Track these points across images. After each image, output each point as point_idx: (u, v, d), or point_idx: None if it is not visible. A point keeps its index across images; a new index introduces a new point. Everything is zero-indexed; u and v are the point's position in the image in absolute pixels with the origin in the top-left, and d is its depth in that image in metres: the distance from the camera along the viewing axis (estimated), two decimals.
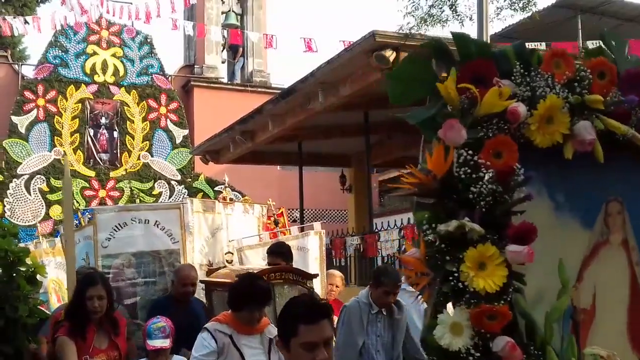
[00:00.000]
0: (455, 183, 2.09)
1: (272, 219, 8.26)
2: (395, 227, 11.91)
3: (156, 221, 6.41)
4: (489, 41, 8.32)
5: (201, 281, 5.72)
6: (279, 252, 5.72)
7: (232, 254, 6.81)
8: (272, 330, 3.88)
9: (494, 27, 13.57)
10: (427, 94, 2.29)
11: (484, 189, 2.04)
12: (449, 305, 2.07)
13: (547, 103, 2.16)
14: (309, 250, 7.20)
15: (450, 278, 2.03)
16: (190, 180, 18.45)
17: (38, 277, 4.07)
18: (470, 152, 2.08)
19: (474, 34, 8.65)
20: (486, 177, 2.04)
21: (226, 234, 7.14)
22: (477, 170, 2.06)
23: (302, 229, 8.06)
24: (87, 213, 9.33)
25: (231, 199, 7.79)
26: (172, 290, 5.69)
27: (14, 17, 17.62)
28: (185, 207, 6.90)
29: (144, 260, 6.32)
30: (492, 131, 2.13)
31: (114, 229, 6.31)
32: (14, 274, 3.89)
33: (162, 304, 5.48)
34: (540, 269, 2.15)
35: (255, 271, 4.84)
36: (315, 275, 5.44)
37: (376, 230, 12.16)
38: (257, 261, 6.71)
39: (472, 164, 2.07)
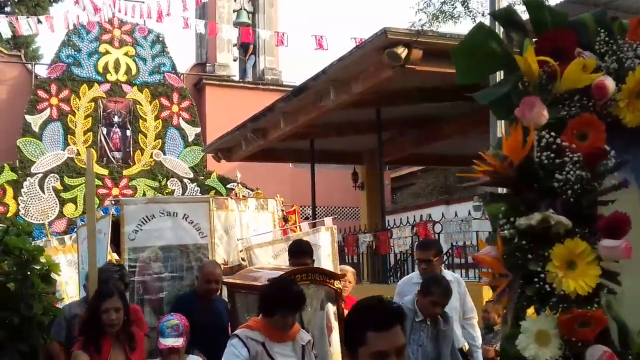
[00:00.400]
0: (535, 170, 1.84)
1: (282, 215, 8.03)
2: (408, 224, 11.84)
3: (185, 214, 6.30)
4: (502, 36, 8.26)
5: (223, 282, 5.52)
6: (305, 252, 5.47)
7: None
8: (304, 337, 3.83)
9: None
10: (497, 69, 2.09)
11: (571, 175, 1.78)
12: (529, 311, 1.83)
13: (637, 75, 1.87)
14: (321, 247, 6.92)
15: (535, 279, 1.78)
16: (202, 178, 18.49)
17: (52, 275, 4.10)
18: (552, 134, 1.83)
19: None
20: (572, 162, 1.79)
21: (240, 231, 6.94)
22: (560, 155, 1.81)
23: (313, 225, 7.77)
24: (100, 211, 9.31)
25: (244, 196, 7.59)
26: (197, 287, 5.51)
27: (27, 17, 17.71)
28: (232, 204, 6.84)
29: (172, 255, 6.19)
30: (575, 109, 1.87)
31: (142, 221, 6.16)
32: (29, 272, 3.91)
33: (186, 299, 5.35)
34: (628, 266, 1.84)
35: (282, 272, 4.61)
36: (343, 275, 5.21)
37: (388, 228, 12.13)
38: (266, 260, 6.47)
39: (555, 148, 1.82)
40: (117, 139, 17.99)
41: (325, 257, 6.83)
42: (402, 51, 8.95)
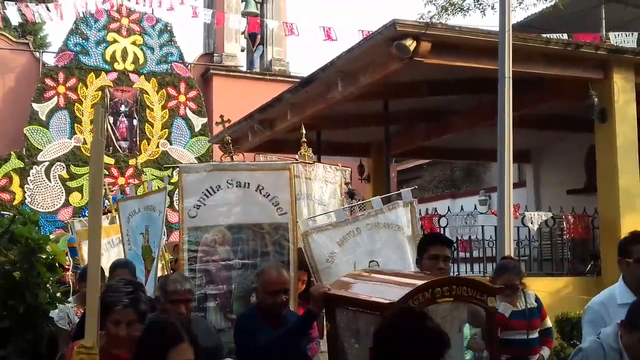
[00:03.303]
0: None
1: (347, 190, 6.37)
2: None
3: (259, 185, 5.09)
4: (510, 31, 8.21)
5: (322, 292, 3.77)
6: (446, 241, 4.38)
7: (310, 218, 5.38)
8: None
9: (516, 16, 13.45)
10: None
11: None
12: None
13: None
14: (400, 228, 5.28)
15: None
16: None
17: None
18: None
19: (495, 23, 8.56)
20: None
21: (307, 205, 5.72)
22: None
23: (388, 200, 6.00)
24: (107, 201, 9.11)
25: (309, 158, 5.99)
26: (258, 301, 4.25)
27: (37, 4, 17.70)
28: (297, 168, 5.48)
29: (243, 236, 5.02)
30: None
31: (205, 194, 5.01)
32: (35, 261, 3.91)
33: (247, 324, 4.08)
34: None
35: (412, 282, 3.09)
36: (501, 289, 3.51)
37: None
38: (329, 249, 5.04)
39: None
40: (123, 128, 17.99)
41: (405, 243, 5.26)
42: (410, 43, 8.89)
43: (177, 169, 5.24)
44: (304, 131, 6.13)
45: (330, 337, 3.48)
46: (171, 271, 5.96)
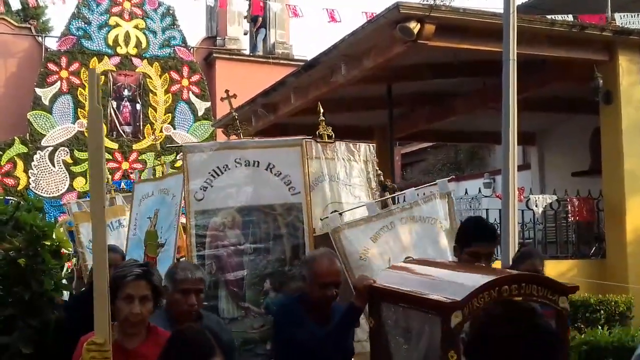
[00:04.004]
0: None
1: (379, 182, 5.68)
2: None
3: (269, 164, 4.80)
4: (515, 13, 8.14)
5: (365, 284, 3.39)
6: (494, 236, 3.92)
7: (339, 213, 4.93)
8: None
9: None
10: None
11: None
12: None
13: None
14: (436, 221, 4.91)
15: None
16: None
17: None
18: None
19: (499, 5, 8.49)
20: None
21: (330, 187, 5.26)
22: None
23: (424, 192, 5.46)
24: (114, 184, 9.00)
25: (329, 137, 5.51)
26: (304, 291, 3.90)
27: None
28: (309, 145, 5.17)
29: (253, 219, 4.69)
30: None
31: (212, 175, 4.70)
32: (39, 248, 3.91)
33: (293, 314, 3.77)
34: None
35: (475, 283, 2.61)
36: (575, 289, 2.89)
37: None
38: (362, 246, 4.62)
39: None
40: (127, 113, 17.97)
41: (442, 237, 4.90)
42: (414, 26, 8.83)
43: (181, 149, 4.94)
44: (321, 109, 5.75)
45: (374, 334, 3.11)
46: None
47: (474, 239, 3.81)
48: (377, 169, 5.72)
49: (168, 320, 3.54)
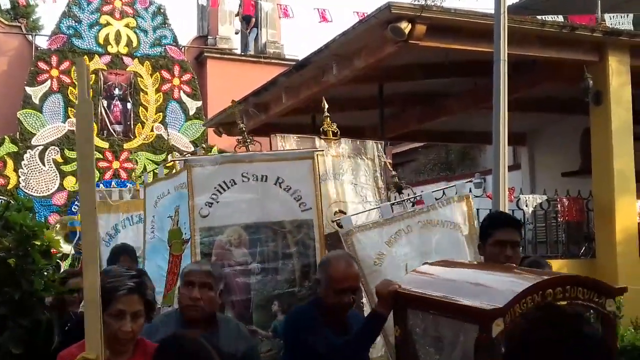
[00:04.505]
0: None
1: (394, 183, 5.40)
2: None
3: (278, 178, 4.57)
4: (506, 13, 8.17)
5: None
6: (515, 222, 3.80)
7: (345, 213, 4.85)
8: None
9: None
10: None
11: None
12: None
13: None
14: (455, 225, 4.65)
15: None
16: (203, 152, 18.43)
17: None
18: None
19: (490, 5, 8.52)
20: None
21: (335, 187, 5.09)
22: None
23: (443, 192, 5.35)
24: (101, 185, 8.99)
25: (334, 134, 5.34)
26: (320, 297, 3.66)
27: None
28: (321, 145, 5.01)
29: (261, 237, 4.48)
30: None
31: (218, 190, 4.48)
32: (29, 248, 3.89)
33: (308, 320, 3.52)
34: None
35: (517, 287, 2.43)
36: (623, 290, 2.68)
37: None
38: (376, 250, 4.39)
39: None
40: (117, 112, 17.91)
41: (464, 243, 4.62)
42: (405, 26, 8.85)
43: (185, 161, 4.72)
44: (326, 105, 5.55)
45: (401, 344, 2.84)
46: None
47: (496, 226, 3.71)
48: (392, 169, 5.50)
49: (180, 322, 3.40)
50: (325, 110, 5.57)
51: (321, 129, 5.46)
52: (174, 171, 5.62)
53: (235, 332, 3.58)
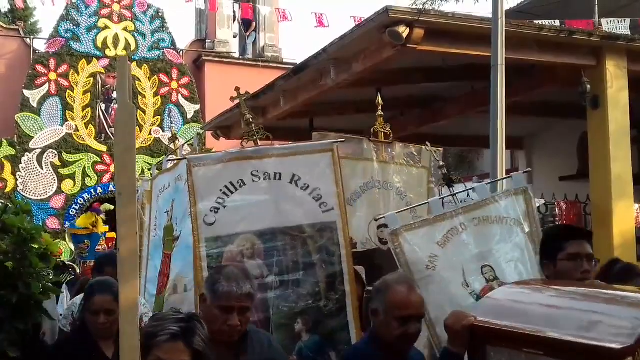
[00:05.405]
0: None
1: (442, 176, 4.74)
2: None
3: (293, 175, 3.97)
4: (504, 18, 8.19)
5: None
6: (587, 234, 3.52)
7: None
8: None
9: (509, 2, 13.42)
10: None
11: None
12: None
13: None
14: (520, 222, 4.06)
15: None
16: (204, 150, 18.43)
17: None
18: None
19: (488, 10, 8.55)
20: None
21: (382, 195, 4.51)
22: None
23: (494, 187, 4.56)
24: (99, 188, 8.93)
25: (386, 135, 4.78)
26: (378, 330, 3.10)
27: None
28: (369, 149, 4.38)
29: (278, 245, 3.85)
30: None
31: (225, 193, 3.87)
32: (27, 251, 3.89)
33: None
34: None
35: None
36: None
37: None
38: (425, 254, 3.75)
39: None
40: (115, 115, 17.89)
41: (526, 242, 4.01)
42: (403, 30, 8.85)
43: (186, 161, 4.08)
44: (380, 102, 4.70)
45: None
46: None
47: (566, 238, 3.36)
48: (440, 160, 4.82)
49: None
50: (380, 108, 4.79)
51: (372, 129, 4.82)
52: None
53: (267, 344, 3.19)
